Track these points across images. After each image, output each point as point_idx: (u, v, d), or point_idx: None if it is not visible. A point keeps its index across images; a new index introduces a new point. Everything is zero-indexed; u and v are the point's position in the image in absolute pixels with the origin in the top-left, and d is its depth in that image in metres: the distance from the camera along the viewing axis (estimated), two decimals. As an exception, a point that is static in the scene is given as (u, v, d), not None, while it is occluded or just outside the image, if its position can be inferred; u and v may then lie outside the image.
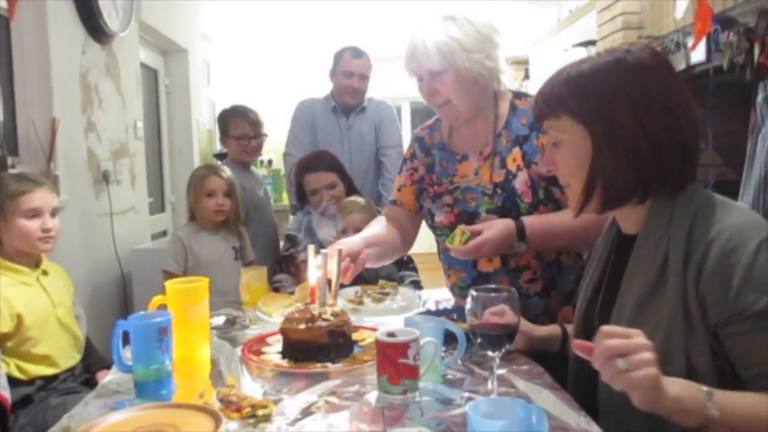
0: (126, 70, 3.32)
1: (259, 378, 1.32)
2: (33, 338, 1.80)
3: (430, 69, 1.60)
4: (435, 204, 1.73)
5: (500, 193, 1.62)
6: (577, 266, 1.69)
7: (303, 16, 5.84)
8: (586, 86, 1.09)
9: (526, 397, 1.16)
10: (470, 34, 1.57)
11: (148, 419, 1.04)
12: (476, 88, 1.63)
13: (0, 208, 1.81)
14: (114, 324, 1.26)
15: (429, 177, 1.77)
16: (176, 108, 4.53)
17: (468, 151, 1.71)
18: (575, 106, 1.09)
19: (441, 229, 1.72)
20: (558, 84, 1.12)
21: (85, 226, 2.82)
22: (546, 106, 1.14)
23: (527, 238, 1.54)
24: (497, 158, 1.65)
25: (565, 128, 1.12)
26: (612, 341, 0.90)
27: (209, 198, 2.54)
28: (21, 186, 1.84)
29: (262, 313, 1.81)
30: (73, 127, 2.72)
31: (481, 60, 1.59)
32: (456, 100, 1.62)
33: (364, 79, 3.27)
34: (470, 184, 1.67)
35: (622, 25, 3.71)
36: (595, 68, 1.09)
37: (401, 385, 1.17)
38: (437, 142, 1.79)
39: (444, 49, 1.56)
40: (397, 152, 3.33)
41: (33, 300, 1.83)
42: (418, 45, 1.59)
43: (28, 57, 2.52)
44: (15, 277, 1.83)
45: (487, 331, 1.13)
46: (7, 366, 1.75)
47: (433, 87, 1.62)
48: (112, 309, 3.03)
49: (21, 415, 1.74)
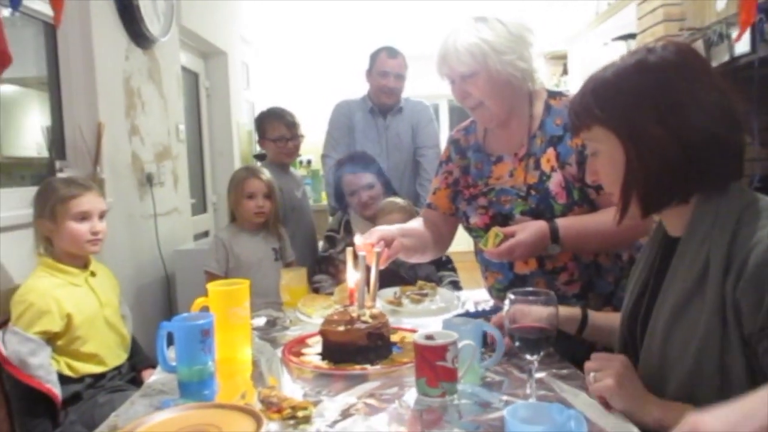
0: (167, 74, 3.39)
1: (299, 379, 1.33)
2: (82, 337, 1.85)
3: (462, 72, 1.59)
4: (470, 206, 1.72)
5: (534, 195, 1.61)
6: (616, 267, 1.66)
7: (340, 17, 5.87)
8: (611, 94, 1.07)
9: (565, 402, 1.15)
10: (502, 35, 1.56)
11: (192, 419, 1.06)
12: (509, 89, 1.61)
13: (51, 211, 1.87)
14: (158, 324, 1.29)
15: (464, 179, 1.77)
16: (216, 110, 4.60)
17: (503, 153, 1.70)
18: (603, 115, 1.07)
19: (476, 230, 1.72)
20: (585, 94, 1.10)
21: (131, 228, 2.89)
22: (577, 119, 1.13)
23: (561, 240, 1.52)
24: (532, 159, 1.63)
25: (599, 138, 1.10)
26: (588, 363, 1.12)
27: (249, 200, 2.58)
28: (71, 190, 1.90)
29: (301, 315, 1.83)
30: (117, 131, 2.79)
31: (514, 61, 1.57)
32: (489, 102, 1.61)
33: (400, 78, 3.27)
34: (505, 186, 1.66)
35: (663, 17, 3.62)
36: (617, 74, 1.08)
37: (439, 388, 1.17)
38: (472, 144, 1.78)
39: (475, 51, 1.55)
40: (434, 152, 3.33)
41: (82, 300, 1.89)
42: (449, 48, 1.59)
43: (74, 63, 2.60)
44: (65, 278, 1.89)
45: (525, 335, 1.12)
46: (57, 364, 1.81)
47: (465, 90, 1.62)
48: (156, 308, 3.10)
49: (71, 412, 1.80)
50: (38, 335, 1.76)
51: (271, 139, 3.02)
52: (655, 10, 3.69)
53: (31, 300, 1.77)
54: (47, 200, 1.89)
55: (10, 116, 2.45)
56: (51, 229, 1.89)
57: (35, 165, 2.54)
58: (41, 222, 1.89)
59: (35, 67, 2.55)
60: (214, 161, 4.58)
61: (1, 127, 2.29)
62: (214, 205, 4.56)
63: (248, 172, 2.67)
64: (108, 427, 1.12)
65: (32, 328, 1.75)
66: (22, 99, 2.63)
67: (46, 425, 1.75)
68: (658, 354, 1.10)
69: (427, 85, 5.24)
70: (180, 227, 3.50)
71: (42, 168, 2.52)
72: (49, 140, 2.57)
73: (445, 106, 8.22)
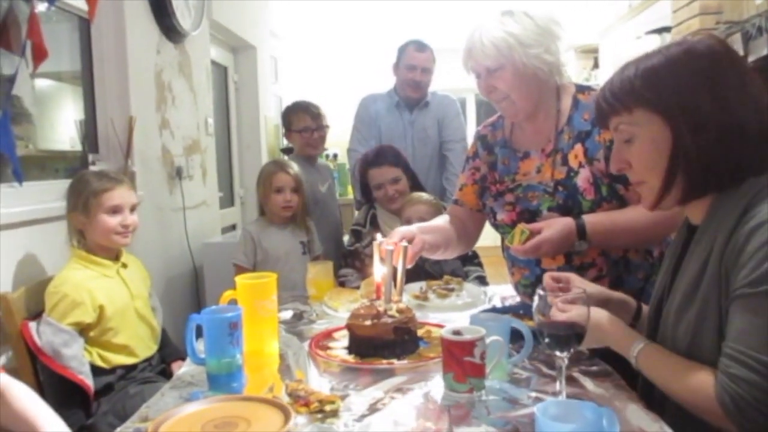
0: (197, 68, 3.42)
1: (326, 373, 1.34)
2: (113, 329, 1.88)
3: (487, 66, 1.58)
4: (497, 202, 1.71)
5: (562, 191, 1.59)
6: (646, 264, 1.63)
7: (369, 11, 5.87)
8: (661, 78, 1.07)
9: (596, 399, 1.13)
10: (528, 28, 1.55)
11: (221, 411, 1.07)
12: (536, 83, 1.60)
13: (84, 204, 1.90)
14: (187, 316, 1.31)
15: (491, 175, 1.75)
16: (245, 104, 4.63)
17: (530, 149, 1.68)
18: (652, 97, 1.07)
19: (503, 227, 1.70)
20: (627, 79, 1.10)
21: (160, 221, 2.93)
22: (616, 101, 1.11)
23: (588, 236, 1.50)
24: (559, 155, 1.62)
25: (639, 122, 1.09)
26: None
27: (278, 194, 2.60)
28: (103, 184, 1.93)
29: (328, 308, 1.84)
30: (148, 125, 2.83)
31: (540, 54, 1.56)
32: (515, 96, 1.60)
33: (427, 72, 3.25)
34: (532, 182, 1.65)
35: (699, 11, 3.54)
36: (668, 59, 1.08)
37: (467, 384, 1.16)
38: (499, 140, 1.77)
39: (501, 45, 1.54)
40: (461, 146, 3.31)
41: (114, 292, 1.92)
42: (475, 42, 1.58)
43: (107, 58, 2.63)
44: (98, 270, 1.92)
45: (555, 331, 1.10)
46: (90, 355, 1.84)
47: (491, 84, 1.60)
48: (185, 301, 3.14)
49: (103, 403, 1.83)
50: (71, 326, 1.79)
51: (297, 130, 3.04)
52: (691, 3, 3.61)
53: (65, 291, 1.81)
54: (80, 193, 1.92)
55: (45, 110, 2.49)
56: (84, 221, 1.92)
57: (69, 158, 2.58)
58: (74, 215, 1.92)
59: (70, 61, 2.59)
60: (241, 155, 4.62)
61: (36, 121, 2.33)
62: (241, 199, 4.59)
63: (276, 166, 2.69)
64: (139, 418, 1.13)
65: (66, 319, 1.78)
66: (56, 93, 2.67)
67: (80, 416, 1.78)
68: (671, 338, 1.13)
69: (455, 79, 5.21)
70: (208, 220, 3.54)
71: (75, 161, 2.56)
72: (82, 134, 2.62)
73: (473, 100, 8.15)
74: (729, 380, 0.97)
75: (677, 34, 3.86)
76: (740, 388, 0.96)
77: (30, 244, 2.01)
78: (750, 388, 0.95)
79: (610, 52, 5.56)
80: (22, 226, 1.98)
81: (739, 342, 0.98)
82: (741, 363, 0.97)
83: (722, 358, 1.00)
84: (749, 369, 0.96)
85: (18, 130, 2.11)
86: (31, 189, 2.08)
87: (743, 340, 0.97)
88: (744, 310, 0.98)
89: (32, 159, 2.32)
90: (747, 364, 0.96)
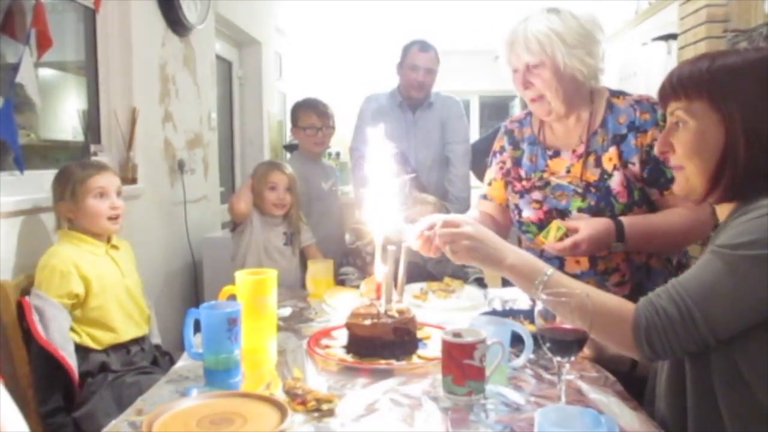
0: (202, 61, 3.41)
1: (324, 372, 1.33)
2: (102, 306, 1.89)
3: (527, 61, 1.57)
4: (523, 199, 1.71)
5: (594, 192, 1.59)
6: (666, 272, 1.64)
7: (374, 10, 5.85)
8: (732, 78, 1.06)
9: (596, 407, 1.12)
10: (573, 28, 1.54)
11: (217, 407, 1.06)
12: (573, 84, 1.59)
13: (72, 192, 1.91)
14: (185, 309, 1.30)
15: (515, 170, 1.75)
16: (248, 99, 4.62)
17: (560, 148, 1.68)
18: (717, 95, 1.06)
19: (528, 225, 1.69)
20: (699, 71, 1.09)
21: (160, 214, 2.92)
22: (681, 88, 1.11)
23: (626, 238, 1.49)
24: (592, 157, 1.61)
25: (696, 113, 1.09)
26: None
27: (271, 191, 2.62)
28: (88, 171, 1.96)
29: (327, 306, 1.83)
30: (151, 117, 2.82)
31: (582, 56, 1.55)
32: (550, 96, 1.59)
33: (430, 73, 3.23)
34: (561, 182, 1.64)
35: (706, 18, 3.53)
36: (744, 62, 1.07)
37: (466, 387, 1.15)
38: (527, 137, 1.76)
39: (544, 41, 1.53)
40: (464, 148, 3.30)
41: (102, 269, 1.93)
42: (518, 35, 1.57)
43: (112, 49, 2.62)
44: (86, 248, 1.93)
45: (557, 336, 1.09)
46: (79, 337, 1.85)
47: (529, 80, 1.60)
48: (184, 295, 3.12)
49: (102, 387, 1.82)
50: (61, 299, 1.80)
51: (302, 127, 3.03)
52: (698, 10, 3.60)
53: (53, 263, 1.82)
54: (66, 182, 1.93)
55: (48, 100, 2.48)
56: (72, 209, 1.93)
57: (71, 148, 2.57)
58: (62, 204, 1.93)
59: (74, 51, 2.58)
60: (243, 150, 4.61)
61: (39, 110, 2.32)
62: (242, 194, 4.57)
63: (272, 165, 2.72)
64: (134, 411, 1.13)
65: (54, 290, 1.79)
66: (60, 83, 2.66)
67: (58, 398, 1.78)
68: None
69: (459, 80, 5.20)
70: (209, 215, 3.53)
71: (77, 151, 2.55)
72: (84, 124, 2.61)
73: (476, 101, 8.13)
74: (653, 308, 1.04)
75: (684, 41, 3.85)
76: (659, 318, 1.03)
77: (30, 232, 2.00)
78: (666, 322, 1.02)
79: (616, 57, 5.56)
80: (23, 215, 1.97)
81: (682, 283, 1.04)
82: (671, 299, 1.03)
83: (658, 289, 1.07)
84: (675, 307, 1.02)
85: (20, 119, 2.10)
86: (32, 177, 2.07)
87: (686, 283, 1.03)
88: (706, 263, 1.03)
89: (34, 148, 2.31)
90: (676, 302, 1.02)
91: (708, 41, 3.56)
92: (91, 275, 1.87)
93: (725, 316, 0.99)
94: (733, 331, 1.00)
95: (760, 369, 0.99)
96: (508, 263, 1.19)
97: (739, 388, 1.00)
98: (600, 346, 1.36)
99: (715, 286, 1.00)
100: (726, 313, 0.99)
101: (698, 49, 3.70)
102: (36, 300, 1.78)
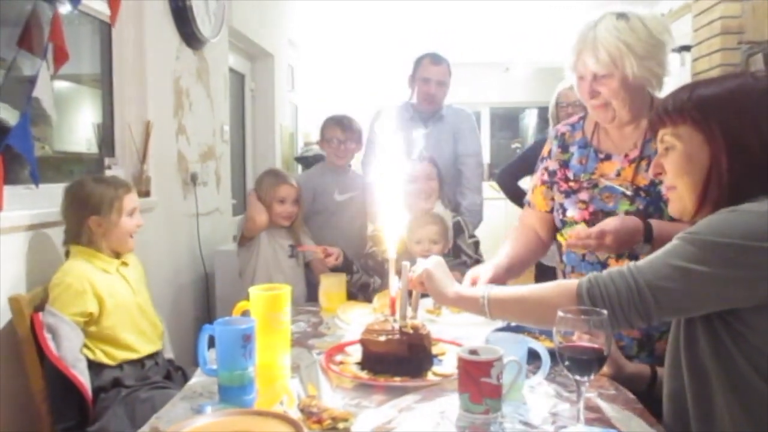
0: (215, 74, 3.43)
1: (338, 388, 1.32)
2: (115, 324, 1.88)
3: (596, 71, 1.55)
4: (569, 199, 1.70)
5: (644, 197, 1.59)
6: None
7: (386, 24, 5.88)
8: (711, 101, 1.15)
9: (615, 425, 1.11)
10: (643, 38, 1.52)
11: (232, 425, 1.05)
12: (640, 94, 1.59)
13: (109, 209, 1.92)
14: (196, 322, 1.29)
15: (562, 171, 1.75)
16: (260, 112, 4.64)
17: (612, 152, 1.67)
18: (699, 118, 1.15)
19: (571, 224, 1.69)
20: (681, 99, 1.18)
21: (173, 227, 2.92)
22: (666, 116, 1.20)
23: (654, 239, 1.48)
24: (645, 162, 1.60)
25: (682, 135, 1.18)
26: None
27: (280, 204, 2.63)
28: (123, 188, 1.98)
29: (340, 321, 1.82)
30: (165, 130, 2.83)
31: (652, 67, 1.54)
32: (616, 104, 1.58)
33: (442, 85, 3.23)
34: (611, 183, 1.63)
35: (720, 30, 3.52)
36: (722, 87, 1.16)
37: (483, 405, 1.14)
38: (579, 140, 1.75)
39: (615, 54, 1.51)
40: (476, 161, 3.29)
41: (114, 288, 1.92)
42: (587, 44, 1.54)
43: (127, 62, 2.64)
44: (98, 265, 1.92)
45: (575, 355, 1.08)
46: (93, 354, 1.84)
47: (595, 89, 1.58)
48: (195, 307, 3.12)
49: (115, 403, 1.81)
50: (75, 317, 1.79)
51: (326, 139, 3.05)
52: (713, 22, 3.59)
53: (68, 281, 1.81)
54: (102, 198, 1.92)
55: (63, 112, 2.50)
56: (102, 223, 1.92)
57: (85, 161, 2.59)
58: (93, 219, 1.91)
59: (90, 64, 2.60)
60: (255, 163, 4.61)
61: (54, 123, 2.33)
62: (254, 206, 4.58)
63: (279, 177, 2.71)
64: (149, 428, 1.12)
65: (68, 308, 1.79)
66: (75, 95, 2.68)
67: (74, 413, 1.78)
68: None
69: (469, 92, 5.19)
70: (221, 228, 3.53)
71: (91, 164, 2.57)
72: (99, 137, 2.62)
73: (487, 113, 8.12)
74: (596, 278, 1.15)
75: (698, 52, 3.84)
76: (599, 283, 1.14)
77: (43, 245, 2.00)
78: (608, 278, 1.13)
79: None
80: (37, 228, 1.97)
81: (639, 264, 1.13)
82: (618, 272, 1.13)
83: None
84: (619, 273, 1.13)
85: (35, 131, 2.11)
86: (46, 191, 2.08)
87: (643, 264, 1.12)
88: (668, 246, 1.12)
89: (48, 160, 2.33)
90: (622, 271, 1.13)
91: (722, 53, 3.55)
92: (104, 294, 1.87)
93: (665, 280, 1.08)
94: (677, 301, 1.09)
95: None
96: (453, 291, 1.37)
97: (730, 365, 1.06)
98: (619, 363, 1.35)
99: (660, 256, 1.12)
100: (664, 276, 1.09)
101: (712, 61, 3.68)
102: (50, 318, 1.77)
